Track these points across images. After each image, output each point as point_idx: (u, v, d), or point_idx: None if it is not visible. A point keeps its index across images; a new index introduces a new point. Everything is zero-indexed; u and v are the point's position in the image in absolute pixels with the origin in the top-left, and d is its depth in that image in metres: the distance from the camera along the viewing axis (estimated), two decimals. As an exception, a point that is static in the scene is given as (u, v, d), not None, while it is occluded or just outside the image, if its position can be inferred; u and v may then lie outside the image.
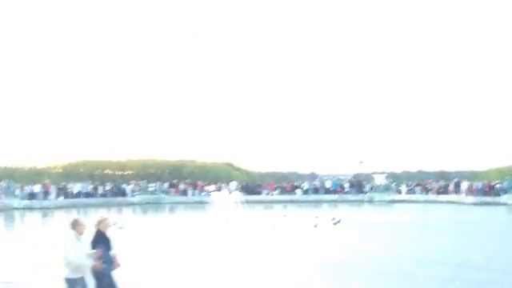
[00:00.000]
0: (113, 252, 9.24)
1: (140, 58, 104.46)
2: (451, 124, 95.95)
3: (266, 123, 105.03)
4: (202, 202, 39.51)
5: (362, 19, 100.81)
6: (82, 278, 8.64)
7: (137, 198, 51.35)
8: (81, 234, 8.78)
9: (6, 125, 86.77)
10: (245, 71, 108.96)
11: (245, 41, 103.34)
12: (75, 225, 8.79)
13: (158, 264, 16.35)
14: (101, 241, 9.10)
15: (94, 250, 8.83)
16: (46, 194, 50.27)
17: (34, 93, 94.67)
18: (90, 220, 9.30)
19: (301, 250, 19.30)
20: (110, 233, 9.40)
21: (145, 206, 46.88)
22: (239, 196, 32.91)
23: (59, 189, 51.88)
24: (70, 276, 8.51)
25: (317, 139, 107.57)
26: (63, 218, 36.30)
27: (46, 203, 46.41)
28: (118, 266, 9.28)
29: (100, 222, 9.29)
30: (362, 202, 51.15)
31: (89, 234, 8.97)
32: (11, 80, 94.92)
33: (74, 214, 39.34)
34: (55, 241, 22.29)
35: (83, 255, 8.60)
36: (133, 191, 53.98)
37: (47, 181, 53.54)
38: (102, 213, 38.28)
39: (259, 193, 54.87)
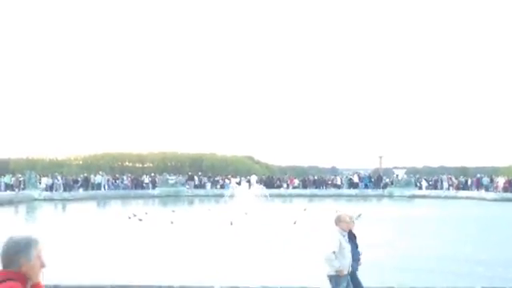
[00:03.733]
0: (359, 249, 9.11)
1: (160, 51, 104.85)
2: (472, 120, 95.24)
3: (286, 117, 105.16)
4: (221, 195, 39.50)
5: (381, 9, 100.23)
6: (347, 275, 8.52)
7: (157, 191, 51.56)
8: (344, 230, 8.62)
9: (28, 117, 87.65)
10: (265, 65, 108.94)
11: (262, 32, 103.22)
12: (338, 221, 8.65)
13: (175, 255, 16.39)
14: (350, 238, 8.86)
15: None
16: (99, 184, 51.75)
17: (56, 85, 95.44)
18: (112, 211, 9.24)
19: (322, 244, 19.18)
20: (355, 230, 9.10)
21: (164, 198, 47.02)
22: (259, 189, 32.84)
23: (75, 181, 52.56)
24: (331, 272, 8.40)
25: (337, 134, 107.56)
26: (87, 209, 36.66)
27: (66, 195, 46.78)
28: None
29: (344, 219, 8.85)
30: (381, 196, 50.88)
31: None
32: (33, 72, 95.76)
33: (93, 205, 39.57)
34: (80, 231, 22.57)
35: (348, 252, 8.49)
36: (152, 184, 54.28)
37: (101, 172, 54.35)
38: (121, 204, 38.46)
39: (279, 186, 54.88)
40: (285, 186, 55.75)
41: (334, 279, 8.43)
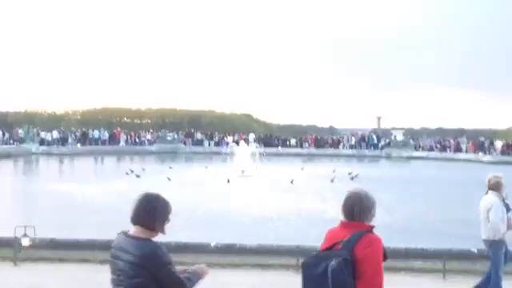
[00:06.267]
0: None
1: (160, 5, 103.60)
2: (470, 81, 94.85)
3: (285, 76, 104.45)
4: (219, 153, 39.52)
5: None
6: (504, 240, 8.23)
7: (154, 147, 51.50)
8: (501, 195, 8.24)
9: (27, 70, 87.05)
10: (264, 23, 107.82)
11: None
12: (501, 186, 8.26)
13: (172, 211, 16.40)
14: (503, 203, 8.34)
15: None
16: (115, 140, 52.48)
17: (55, 38, 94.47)
18: (110, 166, 9.15)
19: (318, 203, 19.25)
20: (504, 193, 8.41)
21: (162, 155, 46.99)
22: (257, 148, 32.84)
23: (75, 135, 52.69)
24: (496, 237, 8.12)
25: (336, 93, 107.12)
26: (84, 164, 36.69)
27: (63, 149, 46.80)
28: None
29: (498, 183, 8.26)
30: (379, 157, 50.94)
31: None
32: (32, 25, 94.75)
33: (91, 160, 39.50)
34: (77, 185, 22.60)
35: (505, 215, 8.16)
36: (150, 140, 54.30)
37: (119, 128, 54.59)
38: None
39: (277, 145, 54.93)
40: (306, 145, 56.08)
41: (495, 244, 8.22)
